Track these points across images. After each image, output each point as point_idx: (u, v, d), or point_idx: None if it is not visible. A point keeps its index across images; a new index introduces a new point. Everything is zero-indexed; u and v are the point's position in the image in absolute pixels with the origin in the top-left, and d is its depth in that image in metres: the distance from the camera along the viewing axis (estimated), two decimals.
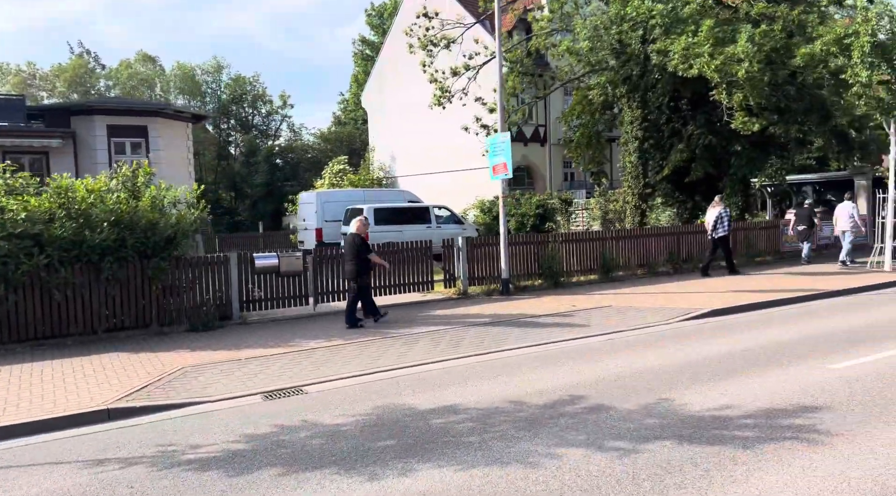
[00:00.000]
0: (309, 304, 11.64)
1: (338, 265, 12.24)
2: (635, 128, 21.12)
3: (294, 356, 8.65)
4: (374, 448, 5.31)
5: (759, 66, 15.48)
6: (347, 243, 10.42)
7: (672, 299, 12.19)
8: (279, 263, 10.94)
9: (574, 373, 7.44)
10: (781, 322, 10.12)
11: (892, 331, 9.07)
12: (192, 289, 10.13)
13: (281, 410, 6.51)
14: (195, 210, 10.24)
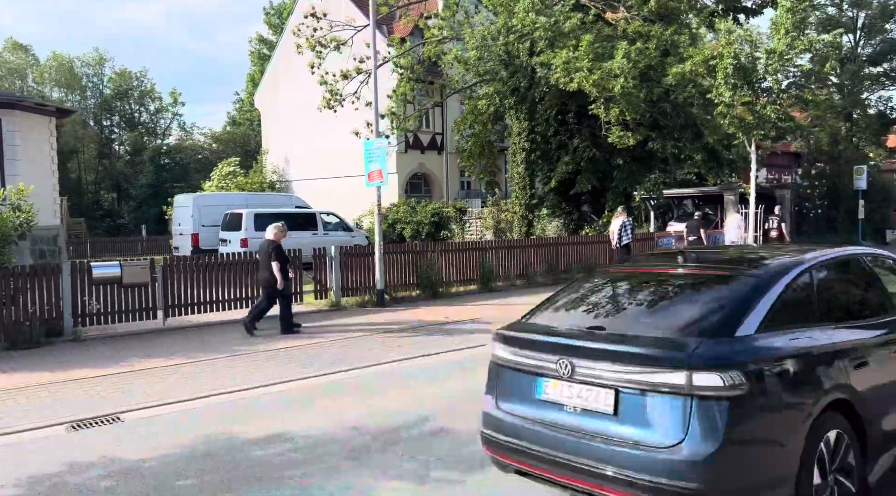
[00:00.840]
0: (158, 318, 10.71)
1: (197, 273, 11.40)
2: (523, 139, 21.36)
3: (124, 377, 7.81)
4: (169, 489, 4.70)
5: (635, 82, 16.00)
6: (262, 250, 10.10)
7: None
8: (122, 273, 9.96)
9: (429, 391, 7.10)
10: None
11: None
12: (12, 301, 8.99)
13: (83, 443, 5.74)
14: (21, 213, 9.11)
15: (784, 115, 15.17)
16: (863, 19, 27.65)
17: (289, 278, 10.17)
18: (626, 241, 15.81)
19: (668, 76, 16.29)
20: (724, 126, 15.89)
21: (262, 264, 10.11)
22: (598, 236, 19.30)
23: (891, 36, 27.88)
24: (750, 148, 15.91)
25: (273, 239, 10.04)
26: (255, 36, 52.58)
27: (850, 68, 27.13)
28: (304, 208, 23.77)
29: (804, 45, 14.47)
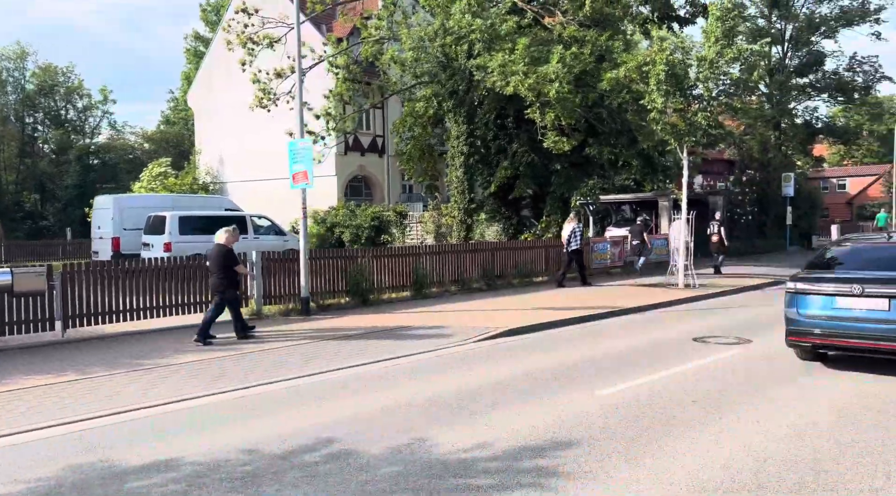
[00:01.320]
0: (56, 330, 9.86)
1: (104, 280, 10.60)
2: (461, 143, 21.11)
3: (3, 397, 7.05)
4: None
5: (570, 87, 15.94)
6: (213, 254, 9.93)
7: (477, 317, 11.89)
8: (12, 281, 9.11)
9: (335, 409, 6.63)
10: (573, 341, 10.09)
11: (669, 350, 9.28)
12: None
13: None
14: None
15: (714, 122, 15.35)
16: (790, 31, 28.67)
17: (237, 283, 10.16)
18: (574, 246, 16.23)
19: (603, 82, 16.29)
20: (657, 132, 15.95)
21: (212, 269, 9.91)
22: (536, 241, 19.16)
23: (816, 48, 28.99)
24: (682, 154, 16.02)
25: (224, 243, 9.88)
26: (191, 33, 50.84)
27: (779, 79, 28.05)
28: (234, 211, 22.85)
29: (733, 53, 14.67)
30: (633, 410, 6.35)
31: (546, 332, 10.89)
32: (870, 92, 28.50)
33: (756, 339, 9.89)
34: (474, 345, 9.83)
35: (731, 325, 11.20)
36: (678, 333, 10.57)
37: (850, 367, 7.93)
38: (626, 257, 20.16)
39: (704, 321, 11.79)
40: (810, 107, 29.63)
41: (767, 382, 7.32)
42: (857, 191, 61.51)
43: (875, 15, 27.56)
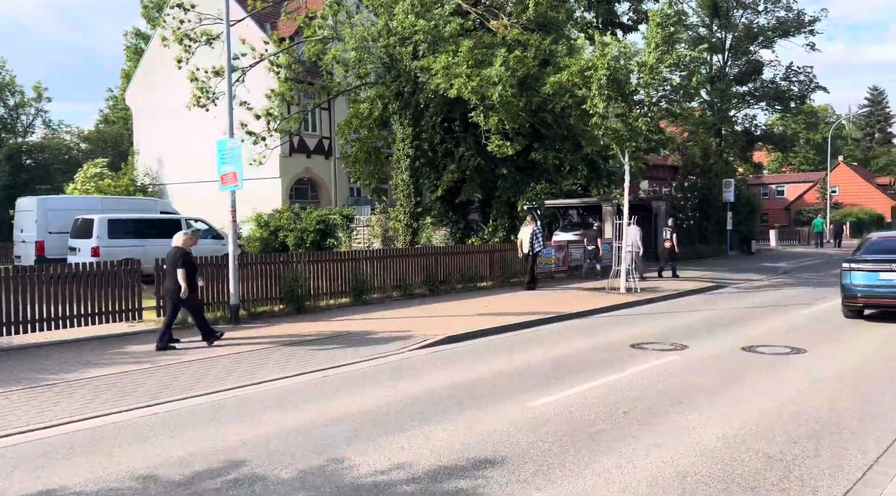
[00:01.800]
0: None
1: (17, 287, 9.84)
2: (407, 145, 20.76)
3: None
4: None
5: (513, 90, 15.79)
6: (170, 258, 9.63)
7: (417, 324, 11.55)
8: None
9: (250, 427, 6.18)
10: (512, 348, 9.85)
11: (606, 357, 9.13)
12: None
13: None
14: None
15: (655, 127, 15.45)
16: (730, 41, 29.40)
17: (197, 288, 9.84)
18: (537, 248, 16.53)
19: (546, 85, 16.20)
20: (600, 137, 15.96)
21: (168, 273, 9.67)
22: (480, 245, 18.97)
23: (755, 57, 29.79)
24: (624, 159, 16.07)
25: (181, 246, 9.63)
26: (131, 30, 49.06)
27: (719, 86, 28.69)
28: (169, 214, 21.96)
29: (673, 59, 14.79)
30: (564, 423, 6.11)
31: (486, 339, 10.63)
32: (805, 101, 29.48)
33: (692, 345, 9.85)
34: (410, 354, 9.48)
35: (669, 331, 11.18)
36: (617, 339, 10.46)
37: (777, 378, 7.92)
38: (570, 262, 20.17)
39: (644, 326, 11.75)
40: (749, 114, 30.49)
41: (699, 391, 7.21)
42: (795, 197, 63.84)
43: (809, 26, 28.53)
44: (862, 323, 11.61)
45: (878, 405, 6.57)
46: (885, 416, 6.19)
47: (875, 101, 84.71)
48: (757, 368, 8.24)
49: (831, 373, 7.91)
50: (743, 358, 8.91)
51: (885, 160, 79.72)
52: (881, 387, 7.23)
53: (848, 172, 66.49)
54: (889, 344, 9.72)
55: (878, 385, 7.35)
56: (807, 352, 9.20)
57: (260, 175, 30.34)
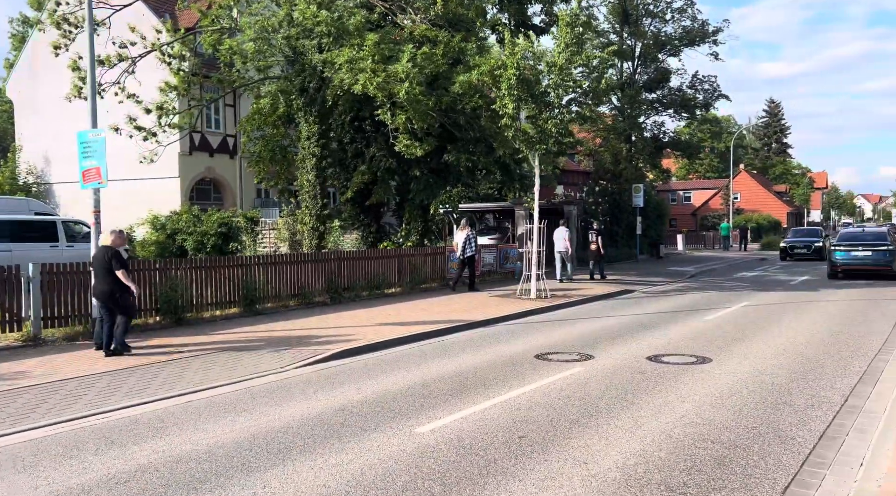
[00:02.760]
0: None
1: None
2: (312, 144, 19.60)
3: None
4: None
5: (421, 88, 15.07)
6: (97, 259, 9.15)
7: (311, 337, 10.58)
8: None
9: (78, 471, 5.09)
10: (408, 362, 9.08)
11: (507, 370, 8.52)
12: None
13: None
14: None
15: (564, 130, 15.16)
16: (640, 48, 29.99)
17: (128, 289, 9.16)
18: (469, 253, 16.90)
19: (455, 84, 15.59)
20: (511, 139, 15.51)
21: (98, 275, 9.07)
22: (389, 250, 18.08)
23: (663, 65, 30.54)
24: (534, 162, 15.70)
25: (111, 245, 9.20)
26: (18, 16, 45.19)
27: (629, 93, 29.18)
28: (45, 214, 19.88)
29: (582, 60, 14.53)
30: (453, 453, 5.38)
31: (382, 353, 9.81)
32: (709, 109, 30.50)
33: (598, 355, 9.41)
34: (293, 373, 8.52)
35: (576, 339, 10.74)
36: (522, 349, 9.90)
37: (682, 391, 7.53)
38: (482, 266, 19.67)
39: (552, 334, 11.28)
40: (658, 121, 31.25)
41: (601, 410, 6.68)
42: (701, 202, 66.75)
43: (713, 36, 29.53)
44: (765, 328, 11.60)
45: (783, 420, 6.23)
46: (792, 433, 5.83)
47: (772, 113, 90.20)
48: (661, 380, 7.84)
49: (736, 385, 7.60)
50: (648, 368, 8.51)
51: (781, 169, 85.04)
52: (785, 400, 6.94)
53: (748, 180, 70.27)
54: (788, 351, 9.62)
55: (782, 397, 7.07)
56: (712, 361, 8.93)
57: (156, 174, 28.32)
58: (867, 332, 10.86)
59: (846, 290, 17.37)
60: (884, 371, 8.04)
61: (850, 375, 7.95)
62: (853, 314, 13.05)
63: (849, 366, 8.48)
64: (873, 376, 7.85)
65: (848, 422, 6.12)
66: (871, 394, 7.07)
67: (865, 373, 8.04)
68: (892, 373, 7.85)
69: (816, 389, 7.31)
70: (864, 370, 8.22)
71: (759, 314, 13.32)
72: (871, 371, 8.14)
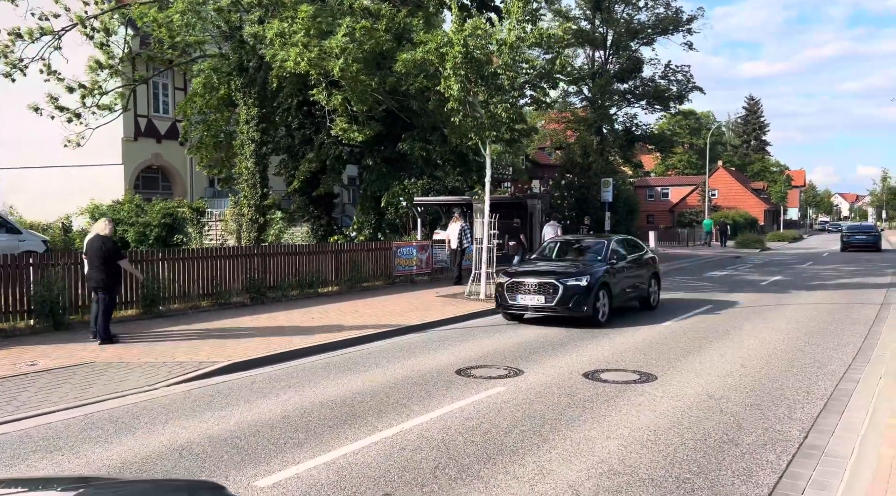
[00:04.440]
0: None
1: None
2: (251, 128, 18.04)
3: None
4: None
5: (359, 66, 13.65)
6: (93, 248, 9.11)
7: (202, 346, 9.18)
8: None
9: None
10: (309, 378, 7.73)
11: (419, 390, 7.21)
12: None
13: None
14: None
15: (517, 115, 13.85)
16: (612, 37, 28.77)
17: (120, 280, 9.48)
18: (465, 244, 16.61)
19: (398, 63, 14.19)
20: (459, 125, 14.15)
21: (92, 264, 9.10)
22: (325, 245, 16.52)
23: (636, 54, 29.35)
24: (485, 151, 14.37)
25: (108, 234, 9.22)
26: None
27: (599, 82, 27.96)
28: None
29: (534, 38, 13.21)
30: None
31: (280, 367, 8.43)
32: (683, 101, 29.41)
33: (529, 369, 8.13)
34: (166, 391, 7.14)
35: (512, 349, 9.46)
36: (445, 362, 8.59)
37: (614, 421, 6.26)
38: (434, 263, 18.33)
39: (487, 342, 9.99)
40: (630, 113, 30.08)
41: (504, 451, 5.38)
42: (679, 199, 65.98)
43: (687, 25, 28.37)
44: (724, 337, 10.39)
45: (725, 468, 4.97)
46: (734, 490, 4.57)
47: (751, 110, 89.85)
48: (591, 406, 6.56)
49: (678, 413, 6.34)
50: (581, 389, 7.24)
51: (759, 166, 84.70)
52: (732, 436, 5.69)
53: (727, 177, 69.69)
54: (746, 367, 8.40)
55: (729, 432, 5.82)
56: (656, 379, 7.68)
57: (98, 161, 26.60)
58: (836, 345, 9.70)
59: (817, 293, 16.29)
60: (852, 396, 6.83)
61: (813, 400, 6.74)
62: (822, 321, 11.92)
63: (813, 387, 7.27)
64: (840, 403, 6.64)
65: (805, 472, 4.88)
66: (837, 428, 5.85)
67: (831, 398, 6.83)
68: (861, 399, 6.65)
69: (772, 420, 6.07)
70: (829, 394, 7.01)
71: (721, 320, 12.14)
72: (838, 395, 6.93)
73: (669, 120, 68.53)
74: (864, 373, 7.86)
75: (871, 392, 6.86)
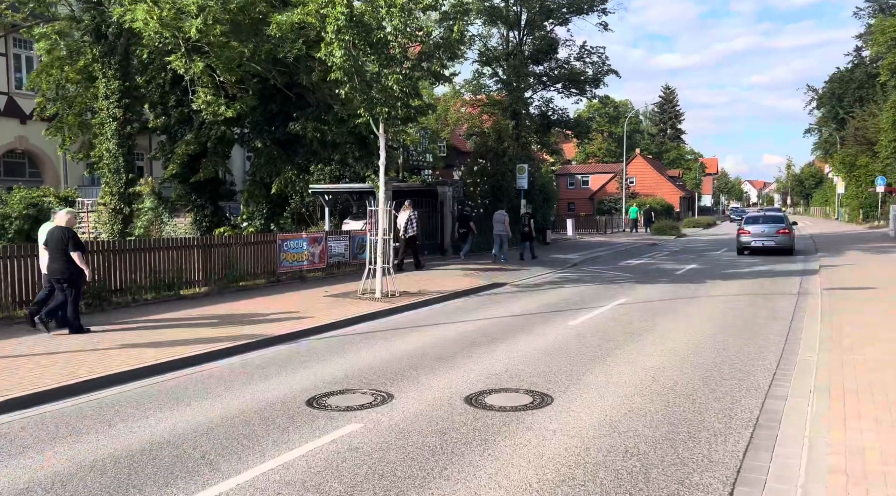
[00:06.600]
0: None
1: None
2: (112, 104, 15.68)
3: None
4: None
5: (224, 28, 11.60)
6: (54, 239, 9.02)
7: None
8: None
9: None
10: (102, 418, 5.85)
11: (250, 432, 5.47)
12: None
13: None
14: None
15: (411, 89, 12.21)
16: (526, 16, 27.52)
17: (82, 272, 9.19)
18: (411, 233, 17.22)
19: (272, 26, 12.20)
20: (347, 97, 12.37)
21: (53, 255, 9.03)
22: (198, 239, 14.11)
23: (551, 35, 28.23)
24: (378, 130, 12.66)
25: (67, 225, 9.15)
26: None
27: (513, 62, 26.68)
28: None
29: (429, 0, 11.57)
30: None
31: (90, 398, 6.49)
32: (599, 84, 28.59)
33: (402, 393, 6.54)
34: None
35: (389, 363, 7.84)
36: (300, 387, 6.88)
37: (490, 470, 4.73)
38: (329, 257, 16.48)
39: (363, 354, 8.34)
40: (546, 97, 29.00)
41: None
42: (598, 187, 66.36)
43: (602, 4, 27.49)
44: (636, 339, 9.14)
45: None
46: None
47: (667, 99, 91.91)
48: (462, 451, 5.02)
49: (570, 459, 4.89)
50: (456, 422, 5.70)
51: (675, 154, 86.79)
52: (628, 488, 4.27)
53: (644, 164, 70.69)
54: (658, 382, 7.11)
55: (635, 487, 4.40)
56: (552, 401, 6.25)
57: None
58: (757, 348, 8.60)
59: (733, 283, 15.54)
60: (782, 422, 5.58)
61: (737, 430, 5.45)
62: (740, 317, 10.93)
63: (735, 409, 6.01)
64: (769, 432, 5.37)
65: None
66: (769, 475, 4.53)
67: (758, 425, 5.56)
68: (792, 427, 5.40)
69: (690, 467, 4.70)
70: (755, 418, 5.75)
71: (634, 317, 10.96)
72: (766, 420, 5.68)
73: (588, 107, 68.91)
74: (790, 385, 6.69)
75: (803, 414, 5.65)
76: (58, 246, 8.98)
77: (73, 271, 9.02)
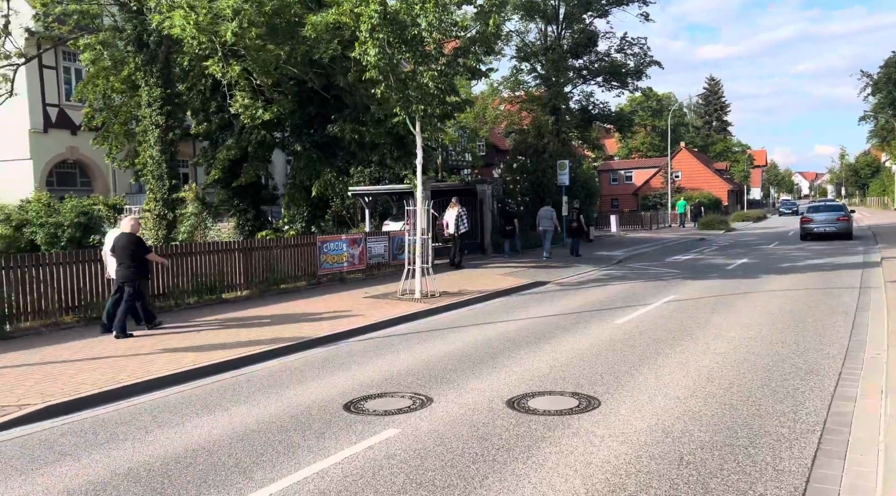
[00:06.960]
0: None
1: None
2: (155, 112, 15.90)
3: None
4: None
5: (259, 31, 11.60)
6: (120, 245, 9.38)
7: (34, 377, 7.16)
8: None
9: None
10: (138, 426, 5.80)
11: (281, 440, 5.34)
12: None
13: None
14: None
15: (447, 86, 11.99)
16: (564, 10, 26.98)
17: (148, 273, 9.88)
18: (462, 230, 17.15)
19: (308, 27, 12.15)
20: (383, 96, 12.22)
21: (120, 260, 9.41)
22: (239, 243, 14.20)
23: (590, 28, 27.62)
24: (414, 128, 12.49)
25: (131, 231, 9.49)
26: None
27: (552, 57, 26.18)
28: None
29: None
30: None
31: (127, 404, 6.48)
32: (641, 77, 27.80)
33: (441, 397, 6.32)
34: None
35: (430, 365, 7.63)
36: (337, 391, 6.73)
37: (533, 482, 4.46)
38: (369, 258, 16.39)
39: (403, 357, 8.15)
40: (586, 91, 28.38)
41: None
42: (642, 182, 64.98)
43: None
44: (687, 337, 8.70)
45: None
46: None
47: (712, 90, 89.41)
48: (508, 459, 4.77)
49: (619, 470, 4.58)
50: (498, 426, 5.45)
51: (721, 147, 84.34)
52: None
53: (689, 158, 68.89)
54: (713, 383, 6.71)
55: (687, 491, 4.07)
56: (599, 405, 5.93)
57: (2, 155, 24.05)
58: (818, 344, 8.08)
59: (788, 277, 14.82)
60: (852, 426, 5.14)
61: (802, 434, 5.04)
62: (798, 312, 10.34)
63: (800, 411, 5.58)
64: (839, 437, 4.94)
65: None
66: (842, 480, 4.13)
67: (826, 429, 5.14)
68: (864, 431, 4.96)
69: (753, 477, 4.34)
70: (822, 421, 5.32)
71: (684, 314, 10.49)
72: (834, 424, 5.24)
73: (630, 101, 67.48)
74: (859, 386, 6.20)
75: (875, 417, 5.20)
76: (123, 252, 9.33)
77: (139, 275, 9.42)
